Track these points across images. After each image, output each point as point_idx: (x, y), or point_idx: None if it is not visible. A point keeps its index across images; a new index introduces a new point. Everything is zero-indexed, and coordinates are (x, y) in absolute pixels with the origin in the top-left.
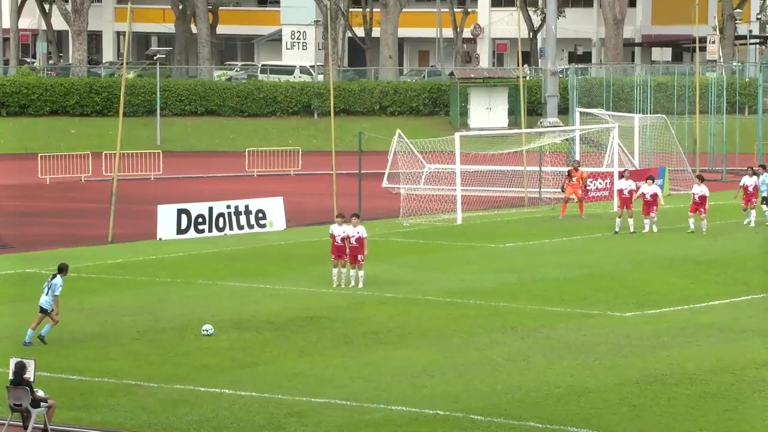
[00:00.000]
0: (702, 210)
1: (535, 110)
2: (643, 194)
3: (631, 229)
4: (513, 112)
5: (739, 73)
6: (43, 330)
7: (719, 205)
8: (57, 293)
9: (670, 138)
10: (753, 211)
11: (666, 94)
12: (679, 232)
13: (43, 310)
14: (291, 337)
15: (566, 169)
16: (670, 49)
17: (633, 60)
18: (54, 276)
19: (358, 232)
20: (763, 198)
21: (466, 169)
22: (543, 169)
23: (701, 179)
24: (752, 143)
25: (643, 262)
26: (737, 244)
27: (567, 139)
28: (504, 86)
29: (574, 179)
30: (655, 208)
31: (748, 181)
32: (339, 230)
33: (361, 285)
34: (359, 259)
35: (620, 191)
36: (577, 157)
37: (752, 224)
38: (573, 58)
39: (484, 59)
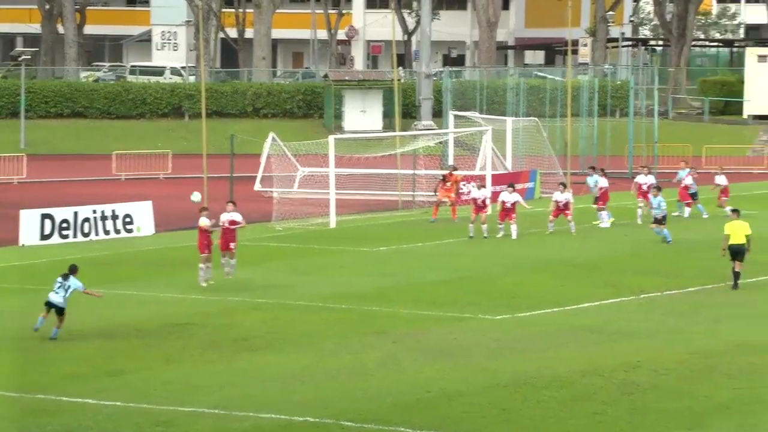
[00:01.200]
0: (567, 213)
1: (410, 113)
2: (503, 201)
3: (485, 234)
4: (388, 114)
5: (611, 76)
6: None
7: (590, 207)
8: (81, 289)
9: (543, 141)
10: (687, 208)
11: (539, 97)
12: (551, 235)
13: (57, 309)
14: (159, 344)
15: (441, 172)
16: (543, 52)
17: (506, 63)
18: (67, 276)
19: (233, 216)
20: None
21: (340, 173)
22: (417, 172)
23: (564, 186)
24: (623, 146)
25: (516, 265)
26: (608, 246)
27: (441, 142)
28: (379, 89)
29: (448, 183)
30: (513, 215)
31: (642, 179)
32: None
33: (232, 273)
34: (231, 246)
35: (474, 199)
36: (451, 161)
37: (685, 216)
38: (447, 60)
39: (359, 61)
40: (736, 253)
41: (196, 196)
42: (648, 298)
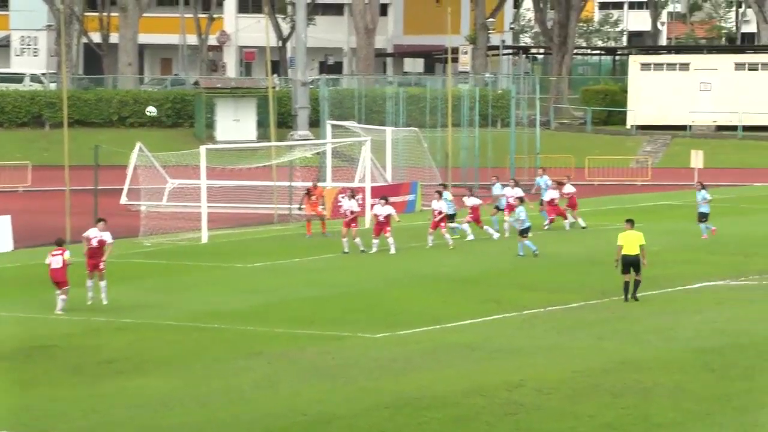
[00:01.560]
0: (442, 225)
1: (286, 122)
2: (376, 215)
3: (361, 248)
4: (262, 124)
5: (492, 85)
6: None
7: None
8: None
9: (423, 152)
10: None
11: (419, 107)
12: (432, 249)
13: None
14: (17, 368)
15: (319, 184)
16: (422, 60)
17: (385, 71)
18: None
19: (103, 236)
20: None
21: (212, 185)
22: (293, 184)
23: (440, 194)
24: (505, 157)
25: (396, 281)
26: (490, 260)
27: (318, 153)
28: (252, 97)
29: (313, 197)
30: (388, 229)
31: (508, 192)
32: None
33: (104, 298)
34: (101, 267)
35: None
36: (329, 172)
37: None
38: (324, 68)
39: (231, 68)
40: (629, 264)
41: (152, 110)
42: (530, 314)
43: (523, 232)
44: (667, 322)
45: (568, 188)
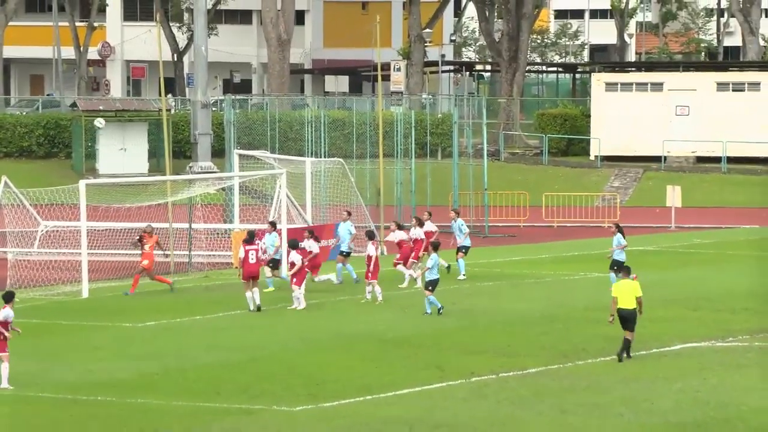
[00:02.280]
0: (371, 274)
1: (184, 152)
2: (292, 263)
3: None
4: (155, 154)
5: (431, 108)
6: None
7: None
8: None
9: (350, 187)
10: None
11: (344, 133)
12: (361, 304)
13: None
14: None
15: (224, 226)
16: (347, 78)
17: (303, 90)
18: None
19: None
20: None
21: (94, 227)
22: (195, 226)
23: (371, 236)
24: (448, 193)
25: (318, 341)
26: (429, 317)
27: (224, 189)
28: (142, 121)
29: (146, 247)
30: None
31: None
32: None
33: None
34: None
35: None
36: (237, 210)
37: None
38: (230, 86)
39: (117, 86)
40: (626, 320)
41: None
42: (479, 381)
43: (429, 285)
44: (642, 392)
45: (429, 226)
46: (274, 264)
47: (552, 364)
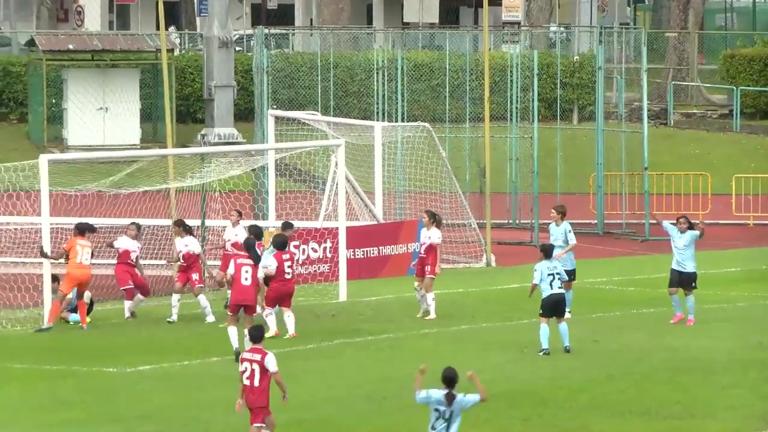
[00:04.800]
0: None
1: (192, 114)
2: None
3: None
4: (150, 116)
5: (562, 47)
6: None
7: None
8: None
9: (440, 164)
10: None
11: (431, 85)
12: (439, 340)
13: None
14: None
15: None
16: (436, 2)
17: (370, 21)
18: None
19: None
20: None
21: (61, 225)
22: (209, 223)
23: (435, 219)
24: (587, 173)
25: (390, 396)
26: (551, 358)
27: (254, 170)
28: (132, 67)
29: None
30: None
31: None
32: None
33: None
34: None
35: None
36: (272, 201)
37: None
38: (261, 15)
39: (94, 16)
40: None
41: None
42: None
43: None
44: None
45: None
46: None
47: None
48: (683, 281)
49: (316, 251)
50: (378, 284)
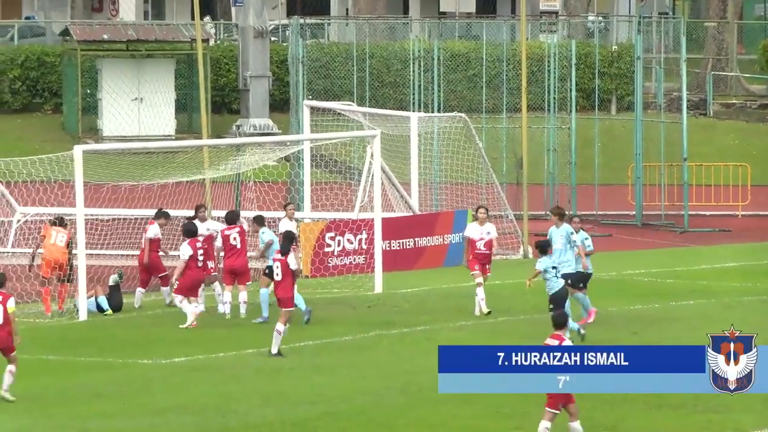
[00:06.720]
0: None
1: (228, 104)
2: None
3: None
4: (186, 107)
5: (601, 36)
6: None
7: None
8: None
9: (476, 156)
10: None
11: (467, 75)
12: (478, 328)
13: None
14: None
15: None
16: None
17: (406, 11)
18: None
19: None
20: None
21: (95, 216)
22: (246, 214)
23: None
24: (626, 164)
25: (426, 389)
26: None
27: (287, 158)
28: (167, 58)
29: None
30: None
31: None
32: None
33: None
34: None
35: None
36: (308, 191)
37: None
38: (297, 5)
39: (129, 6)
40: None
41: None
42: None
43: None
44: None
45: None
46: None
47: None
48: None
49: (351, 243)
50: (414, 276)
